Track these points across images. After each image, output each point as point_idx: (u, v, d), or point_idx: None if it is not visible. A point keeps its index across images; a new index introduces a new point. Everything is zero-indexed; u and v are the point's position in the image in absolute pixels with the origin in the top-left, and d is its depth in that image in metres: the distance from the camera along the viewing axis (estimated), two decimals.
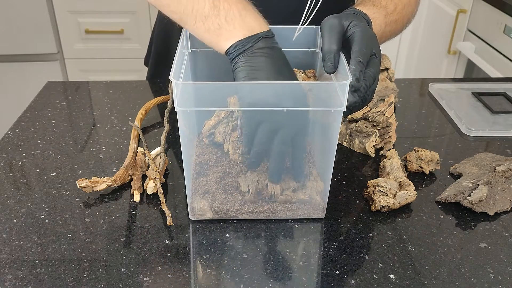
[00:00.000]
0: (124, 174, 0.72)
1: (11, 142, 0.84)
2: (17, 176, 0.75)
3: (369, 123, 0.83)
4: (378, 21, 0.76)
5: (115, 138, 0.86)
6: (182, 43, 0.70)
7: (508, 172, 0.73)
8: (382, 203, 0.68)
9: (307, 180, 0.67)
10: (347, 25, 0.66)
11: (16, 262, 0.59)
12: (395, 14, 0.80)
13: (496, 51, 1.73)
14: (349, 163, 0.81)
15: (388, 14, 0.78)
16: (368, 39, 0.65)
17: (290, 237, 0.65)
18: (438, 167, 0.78)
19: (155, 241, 0.63)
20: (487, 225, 0.68)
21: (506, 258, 0.62)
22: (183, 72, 0.64)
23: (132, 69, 2.21)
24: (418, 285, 0.58)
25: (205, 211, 0.66)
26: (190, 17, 0.64)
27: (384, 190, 0.69)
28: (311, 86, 0.63)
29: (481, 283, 0.58)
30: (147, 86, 1.07)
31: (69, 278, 0.57)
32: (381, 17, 0.76)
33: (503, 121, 0.95)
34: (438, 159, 0.78)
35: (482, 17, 1.82)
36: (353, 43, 0.64)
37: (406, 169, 0.78)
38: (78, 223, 0.66)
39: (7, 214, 0.67)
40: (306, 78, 0.72)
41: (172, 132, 0.87)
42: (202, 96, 0.60)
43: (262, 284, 0.57)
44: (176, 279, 0.57)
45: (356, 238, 0.64)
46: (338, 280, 0.58)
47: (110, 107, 0.96)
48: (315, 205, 0.67)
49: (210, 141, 0.72)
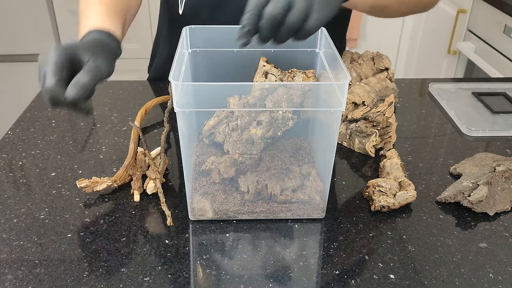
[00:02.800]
0: (124, 174, 0.72)
1: (11, 142, 0.84)
2: (17, 176, 0.75)
3: (369, 123, 0.83)
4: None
5: (115, 138, 0.86)
6: (182, 43, 0.70)
7: (508, 172, 0.73)
8: (382, 203, 0.68)
9: (306, 180, 0.67)
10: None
11: (16, 262, 0.59)
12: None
13: (496, 51, 1.73)
14: (349, 163, 0.81)
15: None
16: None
17: (290, 237, 0.65)
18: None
19: (155, 241, 0.63)
20: (487, 225, 0.68)
21: (506, 258, 0.62)
22: (182, 72, 0.64)
23: (132, 69, 2.21)
24: (418, 285, 0.58)
25: (205, 211, 0.66)
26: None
27: (384, 190, 0.69)
28: (310, 86, 0.63)
29: (481, 283, 0.58)
30: (147, 86, 1.07)
31: (69, 278, 0.57)
32: None
33: (503, 121, 0.94)
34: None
35: (482, 17, 1.82)
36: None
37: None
38: (78, 223, 0.66)
39: (7, 214, 0.67)
40: (306, 78, 0.72)
41: (172, 132, 0.87)
42: (202, 97, 0.60)
43: (262, 284, 0.57)
44: (176, 279, 0.57)
45: (356, 238, 0.64)
46: (338, 280, 0.58)
47: (110, 107, 0.96)
48: (315, 205, 0.67)
49: (210, 141, 0.72)
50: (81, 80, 0.60)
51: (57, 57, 0.61)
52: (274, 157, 0.71)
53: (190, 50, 0.75)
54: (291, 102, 0.63)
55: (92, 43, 0.67)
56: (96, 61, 0.63)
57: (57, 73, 0.60)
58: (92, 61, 0.63)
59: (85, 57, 0.63)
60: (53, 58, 0.61)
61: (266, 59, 0.73)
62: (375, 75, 0.96)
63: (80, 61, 0.63)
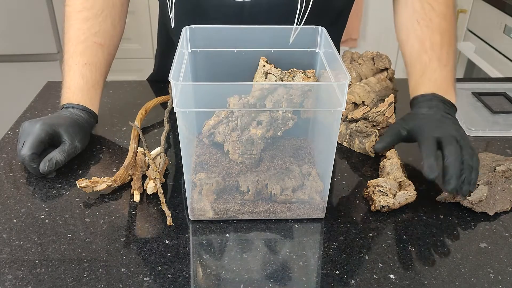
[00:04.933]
0: (124, 174, 0.72)
1: (11, 142, 0.84)
2: (17, 176, 0.75)
3: (369, 123, 0.83)
4: (438, 71, 0.78)
5: (115, 138, 0.86)
6: (182, 43, 0.70)
7: (508, 172, 0.73)
8: (382, 203, 0.68)
9: (306, 180, 0.67)
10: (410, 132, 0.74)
11: (16, 262, 0.59)
12: (445, 40, 0.80)
13: (496, 51, 1.73)
14: (349, 163, 0.81)
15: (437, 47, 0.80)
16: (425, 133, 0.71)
17: (290, 237, 0.65)
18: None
19: (155, 241, 0.63)
20: (487, 225, 0.68)
21: (506, 258, 0.62)
22: (182, 72, 0.64)
23: (132, 69, 2.21)
24: (418, 285, 0.58)
25: (205, 211, 0.66)
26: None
27: (384, 190, 0.69)
28: (310, 86, 0.63)
29: (481, 283, 0.58)
30: (147, 86, 1.07)
31: (69, 278, 0.57)
32: (437, 65, 0.79)
33: (503, 121, 0.95)
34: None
35: (482, 17, 1.83)
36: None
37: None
38: (78, 223, 0.66)
39: (7, 214, 0.67)
40: (306, 78, 0.72)
41: (172, 132, 0.87)
42: (202, 97, 0.60)
43: (262, 284, 0.57)
44: (176, 279, 0.57)
45: (356, 238, 0.64)
46: (338, 280, 0.58)
47: (110, 107, 0.96)
48: (315, 205, 0.67)
49: (210, 141, 0.72)
50: (56, 158, 0.72)
51: (39, 132, 0.72)
52: (274, 157, 0.71)
53: (190, 50, 0.75)
54: (291, 102, 0.63)
55: (72, 123, 0.77)
56: (73, 143, 0.75)
57: (34, 147, 0.71)
58: (69, 143, 0.74)
59: (64, 137, 0.74)
60: (35, 133, 0.72)
61: (266, 59, 0.73)
62: (375, 75, 0.96)
63: (59, 139, 0.75)
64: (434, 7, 0.80)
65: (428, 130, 0.71)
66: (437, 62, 0.78)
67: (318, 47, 0.75)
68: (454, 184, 0.65)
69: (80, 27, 0.84)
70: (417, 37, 0.81)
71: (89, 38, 0.84)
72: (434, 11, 0.80)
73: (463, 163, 0.66)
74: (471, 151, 0.68)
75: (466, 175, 0.66)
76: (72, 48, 0.84)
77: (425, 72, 0.79)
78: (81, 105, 0.81)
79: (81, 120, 0.79)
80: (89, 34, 0.84)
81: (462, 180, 0.66)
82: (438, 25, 0.80)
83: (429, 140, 0.69)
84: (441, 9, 0.80)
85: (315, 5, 0.83)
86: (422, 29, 0.80)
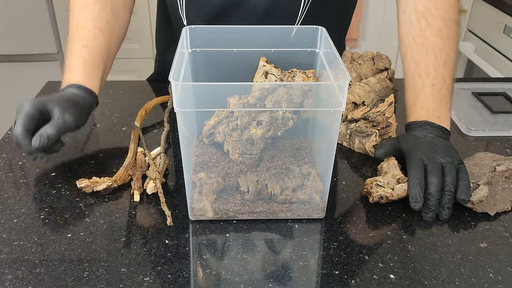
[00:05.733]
0: (124, 174, 0.72)
1: (11, 142, 0.84)
2: (17, 176, 0.75)
3: (369, 123, 0.83)
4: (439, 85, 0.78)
5: (115, 138, 0.86)
6: (182, 43, 0.70)
7: (508, 172, 0.73)
8: (380, 193, 0.68)
9: (306, 180, 0.67)
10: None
11: (16, 262, 0.59)
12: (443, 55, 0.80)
13: (496, 51, 1.73)
14: (349, 163, 0.81)
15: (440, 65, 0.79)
16: (412, 160, 0.72)
17: (290, 237, 0.65)
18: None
19: (155, 241, 0.63)
20: (487, 225, 0.68)
21: (506, 258, 0.62)
22: (182, 72, 0.64)
23: (132, 69, 2.21)
24: (418, 285, 0.58)
25: (205, 211, 0.66)
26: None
27: (382, 184, 0.69)
28: (310, 86, 0.63)
29: (481, 283, 0.58)
30: (147, 86, 1.07)
31: (69, 278, 0.57)
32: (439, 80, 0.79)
33: (503, 121, 0.95)
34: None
35: (482, 17, 1.83)
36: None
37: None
38: (78, 223, 0.66)
39: (7, 214, 0.67)
40: (306, 78, 0.72)
41: (172, 132, 0.87)
42: (202, 97, 0.60)
43: (262, 284, 0.57)
44: (176, 279, 0.57)
45: (356, 238, 0.64)
46: (338, 280, 0.58)
47: (110, 107, 0.96)
48: (315, 205, 0.67)
49: (210, 141, 0.72)
50: (46, 131, 0.70)
51: (28, 109, 0.70)
52: (274, 157, 0.71)
53: (190, 50, 0.75)
54: (291, 102, 0.63)
55: (64, 98, 0.74)
56: (63, 116, 0.72)
57: (25, 123, 0.70)
58: (59, 116, 0.71)
59: (54, 111, 0.71)
60: (25, 109, 0.70)
61: (266, 59, 0.73)
62: (375, 75, 0.96)
63: (50, 115, 0.72)
64: (430, 23, 0.79)
65: (416, 155, 0.72)
66: (431, 88, 0.78)
67: (318, 47, 0.75)
68: (431, 214, 0.68)
69: (80, 14, 0.85)
70: (413, 58, 0.81)
71: (88, 23, 0.84)
72: (429, 28, 0.79)
73: (444, 189, 0.68)
74: (455, 176, 0.69)
75: (445, 202, 0.68)
76: (72, 34, 0.84)
77: (419, 98, 0.79)
78: (77, 84, 0.78)
79: (75, 98, 0.76)
80: (87, 19, 0.84)
81: (442, 205, 0.68)
82: (433, 45, 0.79)
83: (416, 168, 0.70)
84: (436, 24, 0.79)
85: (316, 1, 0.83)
86: (417, 48, 0.80)
